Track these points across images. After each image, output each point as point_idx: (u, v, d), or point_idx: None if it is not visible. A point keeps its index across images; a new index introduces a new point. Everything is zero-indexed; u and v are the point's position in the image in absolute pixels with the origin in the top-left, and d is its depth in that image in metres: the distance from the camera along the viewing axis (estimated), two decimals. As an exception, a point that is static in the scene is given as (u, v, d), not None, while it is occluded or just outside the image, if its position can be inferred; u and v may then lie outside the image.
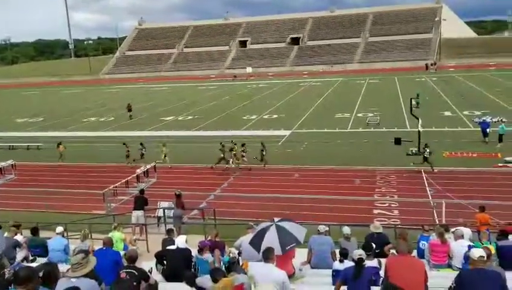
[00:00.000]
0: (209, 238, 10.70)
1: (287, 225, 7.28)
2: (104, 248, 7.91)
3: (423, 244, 9.18)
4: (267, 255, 5.88)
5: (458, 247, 8.28)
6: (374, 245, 7.05)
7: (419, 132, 24.77)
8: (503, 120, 28.26)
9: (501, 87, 50.06)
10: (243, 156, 23.56)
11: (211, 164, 24.17)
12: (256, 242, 6.90)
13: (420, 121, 25.22)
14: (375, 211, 16.99)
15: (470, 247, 8.08)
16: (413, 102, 26.20)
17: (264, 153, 23.84)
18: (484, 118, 29.64)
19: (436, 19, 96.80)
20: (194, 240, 10.32)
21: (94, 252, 7.97)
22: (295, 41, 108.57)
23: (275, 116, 40.42)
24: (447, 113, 36.41)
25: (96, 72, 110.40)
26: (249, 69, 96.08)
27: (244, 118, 40.13)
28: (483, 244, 8.11)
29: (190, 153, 25.20)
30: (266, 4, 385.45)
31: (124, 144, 26.05)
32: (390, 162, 23.02)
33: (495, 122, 28.78)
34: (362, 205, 17.43)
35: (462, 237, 8.49)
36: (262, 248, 6.34)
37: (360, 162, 23.35)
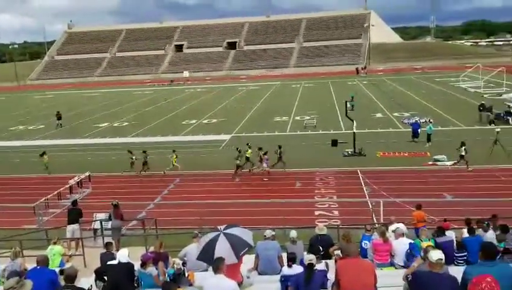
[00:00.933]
0: (151, 249, 10.32)
1: (234, 231, 7.14)
2: (38, 267, 7.34)
3: (365, 244, 9.41)
4: (217, 266, 5.72)
5: (400, 245, 8.57)
6: (320, 248, 7.10)
7: (354, 133, 25.67)
8: (431, 120, 29.93)
9: (426, 89, 53.19)
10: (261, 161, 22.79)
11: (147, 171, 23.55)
12: (207, 255, 6.67)
13: (355, 122, 26.14)
14: (316, 213, 17.29)
15: (411, 245, 8.39)
16: (349, 104, 27.10)
17: (281, 155, 23.16)
18: (416, 119, 31.29)
19: (365, 25, 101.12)
20: (135, 252, 9.91)
21: (27, 272, 7.38)
22: (232, 45, 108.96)
23: (215, 120, 40.19)
24: (379, 115, 38.03)
25: (23, 78, 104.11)
26: (186, 74, 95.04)
27: (183, 123, 39.54)
28: (422, 241, 8.46)
29: (126, 160, 24.32)
30: (201, 8, 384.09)
31: (129, 151, 24.41)
32: (328, 164, 23.59)
33: (423, 122, 30.44)
34: (304, 207, 17.66)
35: (403, 235, 8.80)
36: (216, 259, 6.15)
37: (300, 165, 23.71)
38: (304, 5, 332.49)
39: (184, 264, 8.83)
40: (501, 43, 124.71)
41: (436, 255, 5.14)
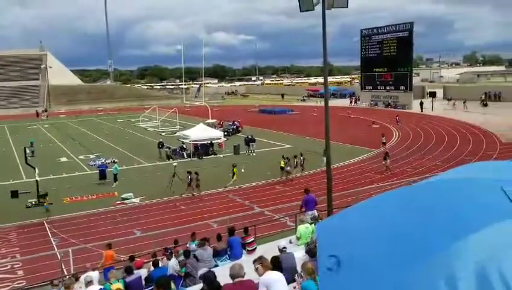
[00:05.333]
0: None
1: None
2: None
3: (53, 301, 8.79)
4: None
5: (89, 294, 8.38)
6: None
7: (37, 181, 23.78)
8: (115, 160, 30.80)
9: (109, 130, 54.58)
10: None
11: None
12: None
13: (37, 170, 24.29)
14: (-4, 278, 15.04)
15: (101, 290, 8.33)
16: (28, 151, 25.00)
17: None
18: (102, 161, 31.50)
19: (42, 66, 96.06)
20: None
21: None
22: None
23: None
24: (64, 159, 36.47)
25: None
26: None
27: None
28: (112, 283, 8.53)
29: None
30: None
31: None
32: (9, 218, 20.98)
33: (109, 163, 31.01)
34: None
35: (91, 282, 8.64)
36: None
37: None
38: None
39: None
40: (172, 87, 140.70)
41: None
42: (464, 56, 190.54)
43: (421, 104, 59.52)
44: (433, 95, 62.73)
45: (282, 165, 26.90)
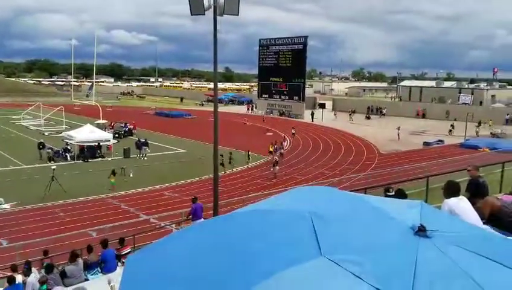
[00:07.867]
0: None
1: None
2: None
3: None
4: None
5: None
6: None
7: None
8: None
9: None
10: None
11: None
12: None
13: None
14: None
15: None
16: None
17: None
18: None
19: None
20: None
21: None
22: None
23: None
24: None
25: None
26: None
27: None
28: None
29: None
30: None
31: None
32: None
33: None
34: None
35: None
36: None
37: None
38: None
39: None
40: (62, 83, 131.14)
41: None
42: (352, 71, 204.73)
43: (312, 114, 62.60)
44: (322, 106, 66.41)
45: (271, 150, 34.51)
